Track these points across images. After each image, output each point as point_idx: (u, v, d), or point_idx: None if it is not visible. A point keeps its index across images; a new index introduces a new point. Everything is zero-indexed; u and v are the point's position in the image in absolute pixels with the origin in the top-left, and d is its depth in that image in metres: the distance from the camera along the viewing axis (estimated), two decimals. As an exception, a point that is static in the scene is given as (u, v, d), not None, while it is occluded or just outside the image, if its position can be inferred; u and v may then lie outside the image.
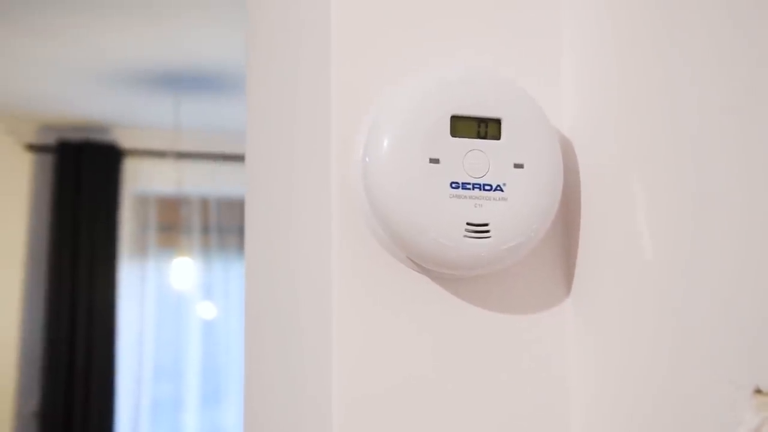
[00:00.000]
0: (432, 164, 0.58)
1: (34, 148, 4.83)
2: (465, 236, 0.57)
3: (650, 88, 0.56)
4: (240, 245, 5.17)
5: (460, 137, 0.58)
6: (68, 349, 4.70)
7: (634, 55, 0.58)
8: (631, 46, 0.59)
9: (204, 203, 5.17)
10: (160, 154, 4.91)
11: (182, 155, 4.83)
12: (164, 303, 5.08)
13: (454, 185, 0.58)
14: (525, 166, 0.59)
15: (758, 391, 0.47)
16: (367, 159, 0.58)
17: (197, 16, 3.54)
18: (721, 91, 0.51)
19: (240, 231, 5.16)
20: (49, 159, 4.84)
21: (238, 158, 4.95)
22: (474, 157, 0.58)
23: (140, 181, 5.04)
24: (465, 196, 0.58)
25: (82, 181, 4.82)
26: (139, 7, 3.42)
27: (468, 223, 0.58)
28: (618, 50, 0.60)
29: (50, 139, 4.84)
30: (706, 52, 0.52)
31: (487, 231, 0.58)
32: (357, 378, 0.58)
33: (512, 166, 0.59)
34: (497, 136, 0.59)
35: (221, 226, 5.18)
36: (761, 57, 0.48)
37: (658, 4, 0.56)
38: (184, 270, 4.93)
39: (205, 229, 5.16)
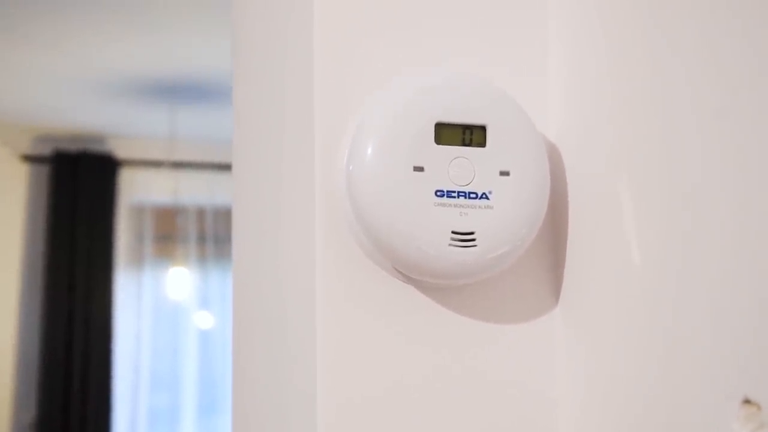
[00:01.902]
0: (416, 172, 0.57)
1: (30, 158, 4.83)
2: (450, 245, 0.57)
3: (638, 92, 0.56)
4: (236, 254, 5.15)
5: (444, 145, 0.58)
6: (65, 359, 4.69)
7: (622, 60, 0.58)
8: (619, 50, 0.58)
9: (200, 213, 5.16)
10: (155, 164, 4.90)
11: (178, 165, 4.83)
12: (161, 312, 5.06)
13: (438, 193, 0.57)
14: (511, 173, 0.58)
15: (747, 402, 0.46)
16: (350, 167, 0.58)
17: (192, 27, 3.54)
18: (711, 95, 0.50)
19: (236, 240, 5.14)
20: (45, 169, 4.83)
21: (234, 167, 4.93)
22: (459, 164, 0.58)
23: (136, 191, 5.04)
24: (450, 204, 0.57)
25: (79, 191, 4.81)
26: (135, 18, 3.42)
27: (453, 232, 0.57)
28: (605, 55, 0.59)
29: (46, 150, 4.83)
30: (696, 56, 0.51)
31: (473, 239, 0.57)
32: (342, 386, 0.58)
33: (498, 173, 0.58)
34: (482, 144, 0.58)
35: (217, 235, 5.17)
36: (753, 61, 0.47)
37: (647, 7, 0.56)
38: (180, 279, 4.92)
39: (202, 239, 5.15)
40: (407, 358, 0.59)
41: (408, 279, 0.59)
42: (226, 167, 4.93)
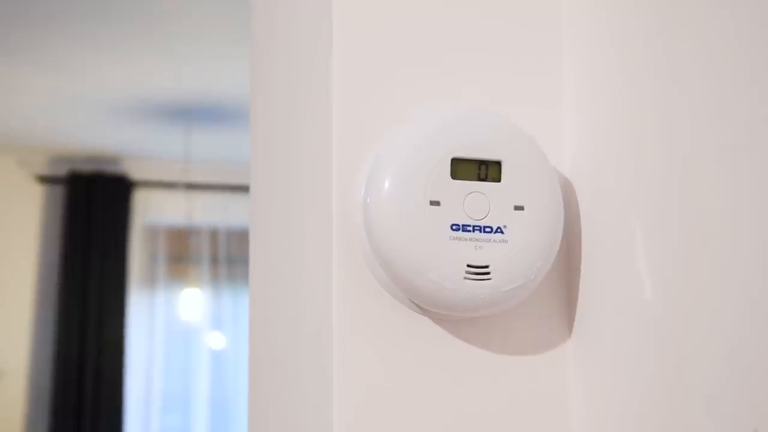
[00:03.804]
0: (432, 206, 0.58)
1: (46, 179, 4.86)
2: (465, 278, 0.58)
3: (651, 128, 0.57)
4: (248, 276, 5.16)
5: (460, 179, 0.59)
6: (77, 379, 4.70)
7: (634, 96, 0.59)
8: (631, 85, 0.59)
9: (213, 234, 5.18)
10: (169, 186, 4.93)
11: (192, 186, 4.86)
12: (173, 333, 5.08)
13: (454, 227, 0.58)
14: (525, 208, 0.59)
15: (758, 437, 0.47)
16: (368, 200, 0.59)
17: (207, 49, 3.57)
18: (721, 130, 0.51)
19: (248, 261, 5.15)
20: (60, 190, 4.87)
21: (248, 189, 4.95)
22: (474, 199, 0.59)
23: (150, 212, 5.06)
24: (465, 238, 0.58)
25: (93, 212, 4.84)
26: (150, 41, 3.46)
27: (468, 265, 0.58)
28: (618, 90, 0.60)
29: (61, 171, 4.87)
30: (706, 93, 0.52)
31: (488, 273, 0.58)
32: (358, 416, 0.58)
33: (512, 208, 0.59)
34: (497, 179, 0.59)
35: (230, 256, 5.19)
36: (761, 96, 0.48)
37: (658, 43, 0.57)
38: (193, 300, 4.93)
39: (215, 260, 5.17)
40: (422, 389, 0.60)
41: (423, 311, 0.60)
42: (239, 189, 4.96)
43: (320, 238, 0.63)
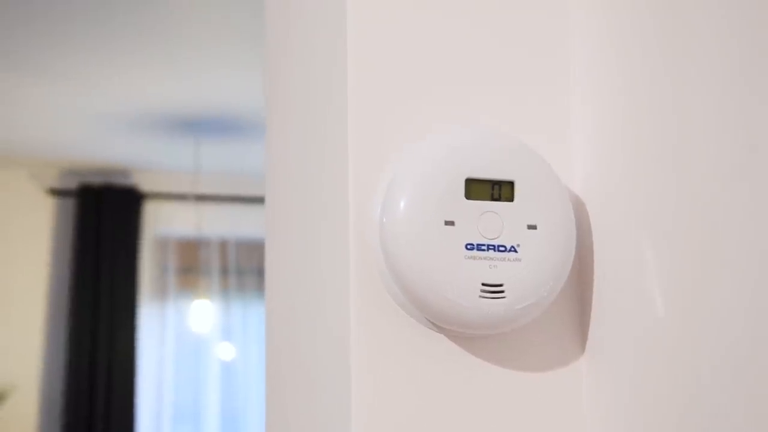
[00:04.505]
0: (447, 226, 0.59)
1: (56, 192, 4.89)
2: (480, 296, 0.59)
3: (660, 147, 0.58)
4: (259, 287, 5.19)
5: (474, 199, 0.60)
6: (89, 390, 4.72)
7: (644, 115, 0.60)
8: (642, 105, 0.60)
9: (223, 245, 5.20)
10: (179, 197, 4.95)
11: (201, 198, 4.88)
12: (184, 344, 5.09)
13: (469, 246, 0.59)
14: (538, 227, 0.60)
15: (769, 453, 0.48)
16: (384, 219, 0.60)
17: (216, 61, 3.59)
18: (733, 150, 0.52)
19: (259, 273, 5.19)
20: (70, 203, 4.90)
21: (257, 201, 4.98)
22: (488, 218, 0.60)
23: (160, 224, 5.09)
24: (480, 257, 0.59)
25: (103, 224, 4.87)
26: (159, 53, 3.48)
27: (483, 284, 0.59)
28: (628, 110, 0.61)
29: (72, 184, 4.90)
30: (718, 113, 0.53)
31: (502, 291, 0.59)
32: (375, 436, 0.60)
33: (526, 227, 0.60)
34: (510, 198, 0.61)
35: (240, 267, 5.21)
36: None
37: (668, 61, 0.58)
38: (203, 312, 4.95)
39: (224, 271, 5.19)
40: (438, 405, 0.61)
41: (439, 328, 0.61)
42: (248, 200, 4.98)
43: (337, 257, 0.64)
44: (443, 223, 0.59)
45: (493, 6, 0.66)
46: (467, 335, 0.62)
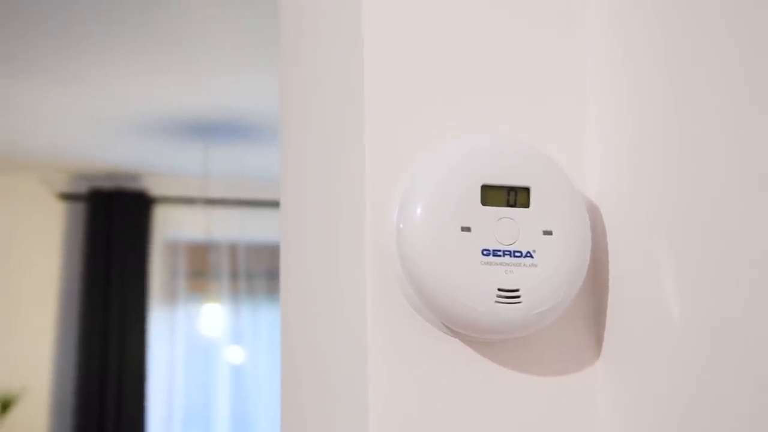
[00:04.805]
0: (464, 232, 0.60)
1: (67, 196, 4.91)
2: (497, 301, 0.59)
3: (675, 151, 0.58)
4: (268, 290, 5.20)
5: (490, 206, 0.60)
6: (99, 394, 4.74)
7: (659, 121, 0.60)
8: (656, 111, 0.60)
9: (232, 249, 5.21)
10: (189, 201, 4.97)
11: (211, 202, 4.89)
12: (194, 348, 5.11)
13: (485, 252, 0.60)
14: (554, 232, 0.61)
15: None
16: (401, 225, 0.61)
17: (226, 66, 3.60)
18: (748, 155, 0.52)
19: (268, 276, 5.20)
20: (81, 207, 4.92)
21: (266, 204, 5.00)
22: (504, 224, 0.61)
23: (170, 228, 5.10)
24: (496, 263, 0.60)
25: (113, 228, 4.89)
26: (169, 58, 3.49)
27: (499, 289, 0.60)
28: (643, 116, 0.62)
29: (82, 188, 4.92)
30: (733, 117, 0.53)
31: (518, 296, 0.60)
32: (393, 440, 0.60)
33: (541, 233, 0.61)
34: (526, 204, 0.61)
35: (249, 271, 5.22)
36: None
37: (682, 69, 0.58)
38: (213, 315, 4.97)
39: (234, 275, 5.20)
40: (454, 409, 0.61)
41: (455, 333, 0.62)
42: (258, 204, 4.99)
43: (353, 262, 0.64)
44: (460, 228, 0.60)
45: (510, 16, 0.67)
46: (483, 340, 0.62)
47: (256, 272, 5.22)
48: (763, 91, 0.51)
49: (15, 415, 4.60)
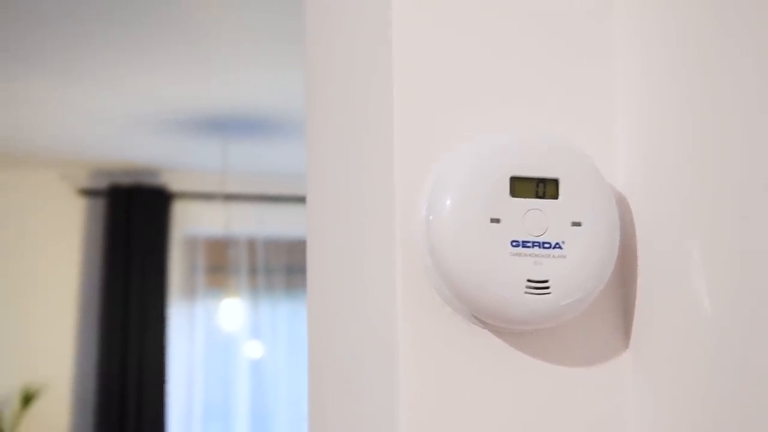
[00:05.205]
0: (493, 224, 0.60)
1: (87, 192, 4.94)
2: (526, 292, 0.60)
3: (705, 142, 0.58)
4: (286, 285, 5.22)
5: (519, 197, 0.61)
6: (120, 389, 4.77)
7: (689, 113, 0.60)
8: (686, 102, 0.60)
9: (251, 244, 5.23)
10: (208, 197, 4.99)
11: (230, 197, 4.91)
12: (213, 343, 5.13)
13: (514, 243, 0.60)
14: (583, 224, 0.61)
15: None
16: (430, 217, 0.61)
17: (245, 61, 3.61)
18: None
19: (287, 271, 5.21)
20: (100, 203, 4.95)
21: (285, 199, 5.01)
22: (533, 216, 0.61)
23: (189, 223, 5.13)
24: (525, 254, 0.60)
25: (133, 223, 4.91)
26: (188, 53, 3.51)
27: (528, 280, 0.60)
28: (673, 106, 0.62)
29: (102, 184, 4.95)
30: (764, 107, 0.53)
31: (547, 287, 0.60)
32: (424, 429, 0.61)
33: (570, 224, 0.61)
34: (555, 196, 0.61)
35: (268, 266, 5.24)
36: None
37: (713, 58, 0.58)
38: (232, 310, 4.99)
39: (253, 270, 5.22)
40: (484, 400, 0.62)
41: (484, 324, 0.62)
42: (276, 199, 5.01)
43: (383, 255, 0.65)
44: (489, 220, 0.60)
45: (539, 12, 0.67)
46: (512, 331, 0.62)
47: (275, 267, 5.24)
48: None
49: (37, 409, 4.64)
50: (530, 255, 0.60)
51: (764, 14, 0.54)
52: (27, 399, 4.61)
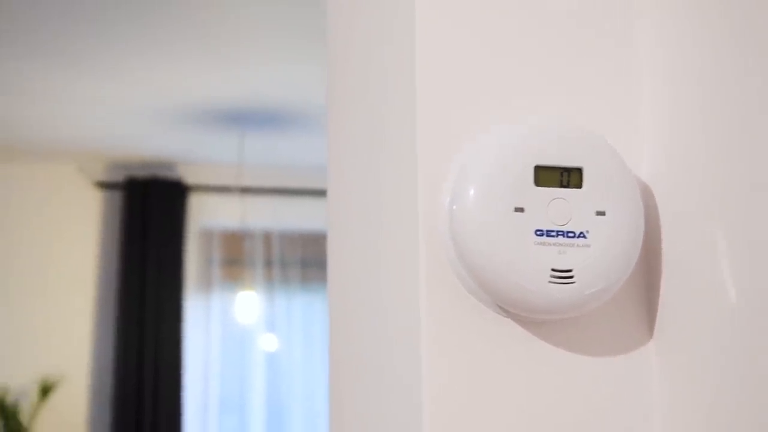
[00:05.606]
0: (517, 213, 0.60)
1: (104, 185, 4.96)
2: (550, 282, 0.60)
3: (731, 131, 0.58)
4: (302, 278, 5.23)
5: (543, 186, 0.61)
6: (137, 381, 4.79)
7: (713, 101, 0.60)
8: (711, 92, 0.60)
9: (267, 237, 5.24)
10: (224, 190, 5.00)
11: (246, 190, 4.92)
12: (229, 335, 5.15)
13: (538, 233, 0.60)
14: (607, 213, 0.61)
15: None
16: (454, 207, 0.61)
17: (261, 54, 3.61)
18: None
19: (302, 264, 5.22)
20: (117, 195, 4.97)
21: (301, 192, 5.02)
22: (557, 205, 0.61)
23: (205, 216, 5.14)
24: (549, 243, 0.60)
25: (149, 216, 4.93)
26: (204, 46, 3.51)
27: (552, 269, 0.60)
28: (698, 95, 0.62)
29: (119, 177, 4.97)
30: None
31: (571, 277, 0.60)
32: (447, 420, 0.61)
33: (594, 213, 0.61)
34: (579, 185, 0.61)
35: (284, 259, 5.25)
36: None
37: (739, 47, 0.58)
38: (248, 303, 5.00)
39: (268, 263, 5.23)
40: (508, 388, 0.62)
41: (508, 314, 0.62)
42: (292, 192, 5.02)
43: (406, 245, 0.65)
44: (513, 209, 0.60)
45: (563, 1, 0.67)
46: (536, 320, 0.63)
47: (291, 260, 5.25)
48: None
49: (55, 400, 4.67)
50: (554, 244, 0.60)
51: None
52: (45, 391, 4.64)
